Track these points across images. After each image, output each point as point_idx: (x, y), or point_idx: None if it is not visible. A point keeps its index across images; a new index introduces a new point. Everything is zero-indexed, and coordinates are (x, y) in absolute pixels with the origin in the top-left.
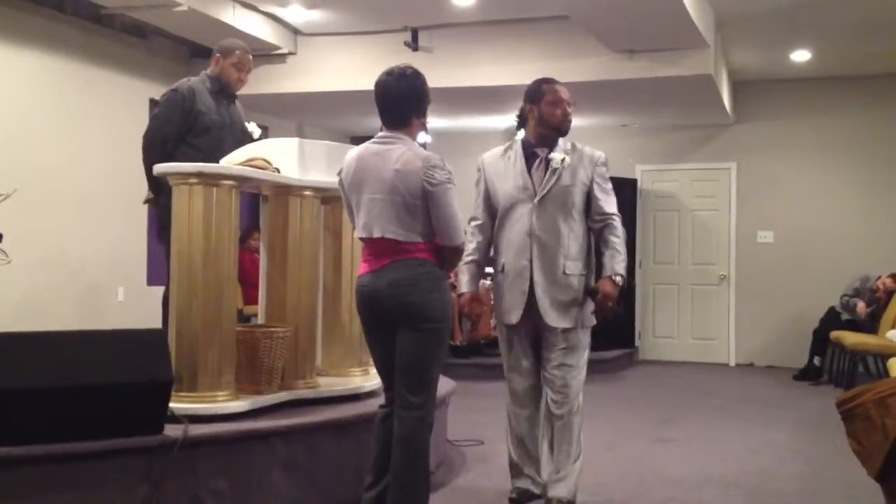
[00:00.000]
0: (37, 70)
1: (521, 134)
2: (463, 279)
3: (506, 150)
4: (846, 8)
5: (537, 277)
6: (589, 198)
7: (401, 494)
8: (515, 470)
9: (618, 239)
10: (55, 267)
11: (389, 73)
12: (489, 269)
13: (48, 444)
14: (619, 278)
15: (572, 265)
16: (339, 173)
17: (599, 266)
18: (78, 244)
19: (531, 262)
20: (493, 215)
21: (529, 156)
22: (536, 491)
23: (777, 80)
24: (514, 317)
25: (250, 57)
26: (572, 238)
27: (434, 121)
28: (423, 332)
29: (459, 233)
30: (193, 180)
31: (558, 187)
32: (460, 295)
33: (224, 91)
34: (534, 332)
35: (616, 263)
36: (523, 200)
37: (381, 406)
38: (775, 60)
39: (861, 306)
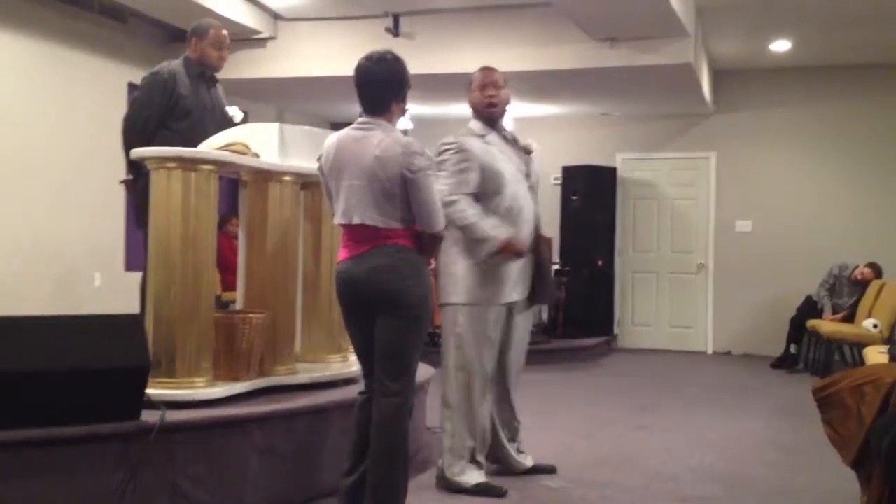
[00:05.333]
0: (14, 53)
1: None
2: (487, 226)
3: (480, 136)
4: None
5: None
6: None
7: (379, 480)
8: (475, 464)
9: None
10: (31, 252)
11: (369, 59)
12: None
13: (24, 430)
14: None
15: None
16: (318, 159)
17: None
18: (54, 229)
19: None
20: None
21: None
22: (479, 476)
23: (757, 70)
24: (519, 293)
25: (226, 33)
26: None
27: (415, 107)
28: (402, 318)
29: (439, 219)
30: (172, 164)
31: (532, 170)
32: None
33: (205, 73)
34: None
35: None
36: (521, 183)
37: (361, 392)
38: (755, 50)
39: (827, 314)
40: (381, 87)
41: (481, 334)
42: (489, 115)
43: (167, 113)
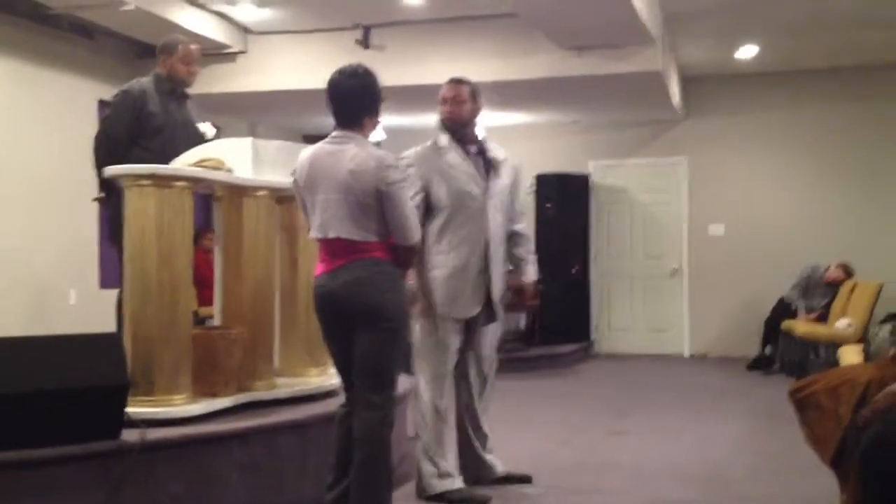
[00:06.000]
0: None
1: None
2: None
3: (440, 149)
4: (793, 3)
5: (493, 272)
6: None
7: (363, 493)
8: (451, 471)
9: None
10: (4, 271)
11: (341, 73)
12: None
13: (3, 452)
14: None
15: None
16: (293, 173)
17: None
18: (27, 247)
19: (487, 257)
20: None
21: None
22: (458, 483)
23: (726, 76)
24: (475, 309)
25: (195, 48)
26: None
27: (386, 118)
28: (380, 331)
29: (414, 232)
30: (146, 182)
31: (500, 186)
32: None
33: (176, 90)
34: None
35: (535, 266)
36: (475, 199)
37: (341, 406)
38: (723, 56)
39: (801, 314)
40: (353, 101)
41: (435, 344)
42: (448, 129)
43: (138, 131)
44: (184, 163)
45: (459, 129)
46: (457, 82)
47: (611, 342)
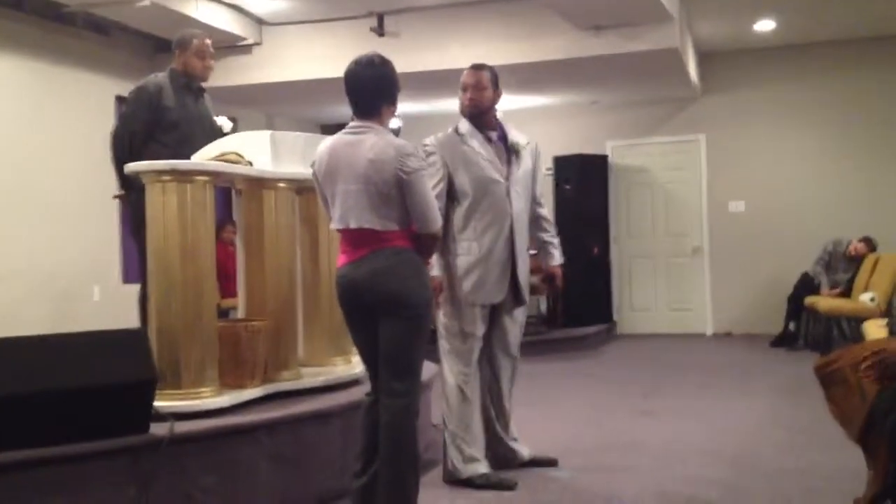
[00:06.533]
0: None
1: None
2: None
3: (461, 136)
4: None
5: (518, 257)
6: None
7: (391, 481)
8: (477, 455)
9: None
10: (27, 269)
11: (358, 63)
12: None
13: (34, 449)
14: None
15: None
16: (312, 165)
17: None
18: (49, 245)
19: (513, 242)
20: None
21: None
22: (485, 468)
23: (743, 51)
24: (501, 295)
25: (209, 41)
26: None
27: (403, 105)
28: (404, 319)
29: (436, 219)
30: (167, 177)
31: (522, 171)
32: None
33: (191, 84)
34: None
35: (559, 250)
36: (498, 184)
37: (367, 394)
38: (740, 31)
39: (825, 289)
40: (370, 90)
41: (461, 330)
42: (469, 116)
43: (155, 126)
44: (203, 157)
45: (481, 115)
46: (477, 68)
47: (633, 322)
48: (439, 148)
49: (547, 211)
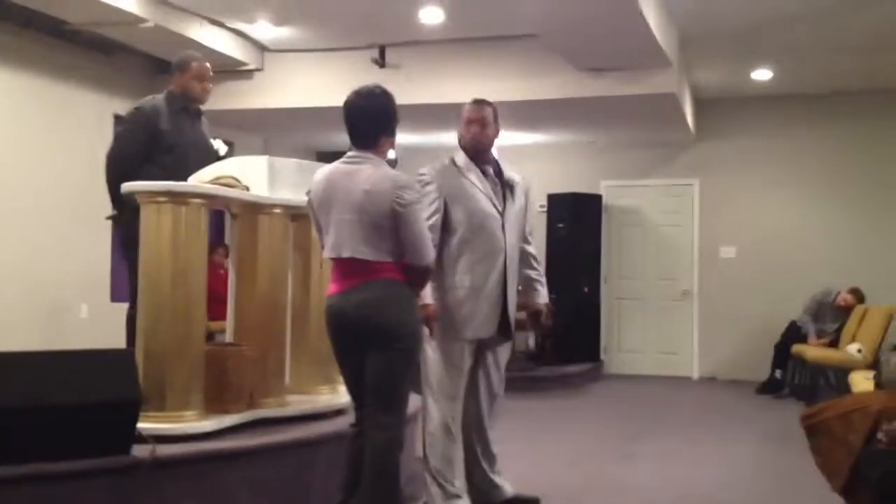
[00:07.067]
0: (0, 87)
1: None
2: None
3: (458, 168)
4: (807, 28)
5: (509, 292)
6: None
7: None
8: (458, 492)
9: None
10: (16, 285)
11: (358, 93)
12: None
13: (13, 466)
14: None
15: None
16: (307, 193)
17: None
18: (40, 261)
19: (504, 277)
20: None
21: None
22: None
23: (739, 98)
24: (488, 331)
25: (208, 65)
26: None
27: (401, 136)
28: (393, 351)
29: (429, 252)
30: (162, 199)
31: (516, 207)
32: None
33: (189, 107)
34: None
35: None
36: (494, 219)
37: (352, 425)
38: (738, 79)
39: (812, 338)
40: (370, 122)
41: (448, 364)
42: (472, 151)
43: (150, 148)
44: (199, 180)
45: (484, 151)
46: (481, 103)
47: (620, 363)
48: (437, 178)
49: (534, 248)
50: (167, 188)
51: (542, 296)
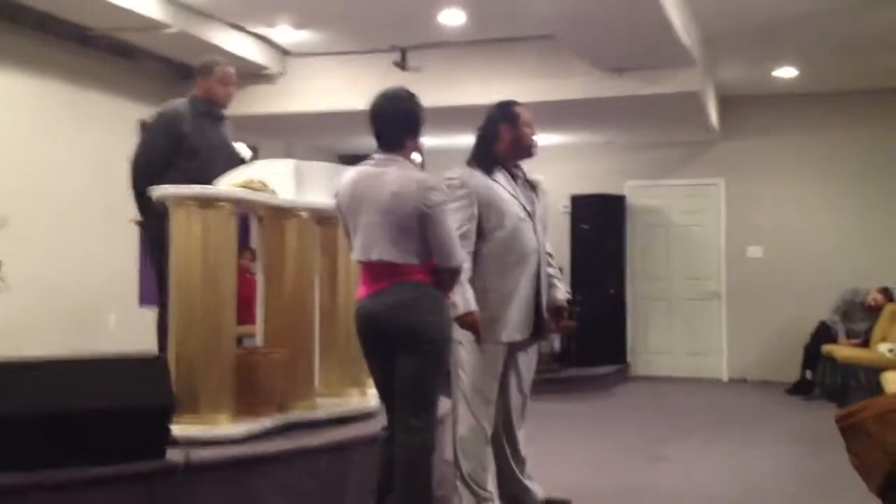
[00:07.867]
0: (22, 93)
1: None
2: (468, 292)
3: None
4: (831, 25)
5: (542, 293)
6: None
7: None
8: (489, 495)
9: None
10: (45, 291)
11: (383, 96)
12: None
13: (50, 471)
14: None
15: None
16: (335, 196)
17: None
18: (68, 267)
19: (538, 279)
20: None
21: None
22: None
23: (763, 97)
24: (521, 333)
25: (232, 70)
26: None
27: (423, 139)
28: (422, 354)
29: (456, 254)
30: (191, 203)
31: (541, 208)
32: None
33: (212, 111)
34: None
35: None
36: (525, 221)
37: (383, 428)
38: (761, 77)
39: (842, 338)
40: (395, 124)
41: (484, 368)
42: (527, 155)
43: (174, 153)
44: (227, 184)
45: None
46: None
47: (647, 365)
48: (468, 181)
49: (550, 246)
50: (196, 193)
51: (562, 292)
